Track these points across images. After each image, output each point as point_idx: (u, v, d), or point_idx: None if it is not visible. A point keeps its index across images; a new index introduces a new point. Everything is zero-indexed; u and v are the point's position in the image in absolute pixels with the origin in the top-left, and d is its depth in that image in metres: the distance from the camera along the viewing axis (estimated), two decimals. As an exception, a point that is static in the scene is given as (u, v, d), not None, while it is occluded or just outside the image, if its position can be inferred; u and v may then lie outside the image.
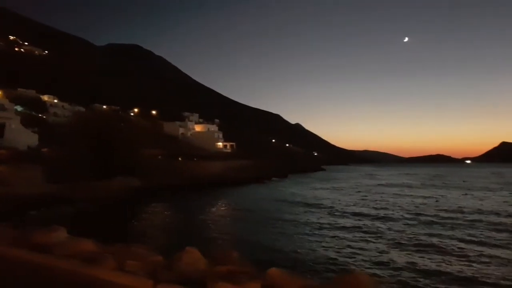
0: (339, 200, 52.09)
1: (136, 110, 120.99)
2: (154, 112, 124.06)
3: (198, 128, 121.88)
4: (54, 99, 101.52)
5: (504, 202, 50.05)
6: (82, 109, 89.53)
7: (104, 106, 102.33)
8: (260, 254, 20.64)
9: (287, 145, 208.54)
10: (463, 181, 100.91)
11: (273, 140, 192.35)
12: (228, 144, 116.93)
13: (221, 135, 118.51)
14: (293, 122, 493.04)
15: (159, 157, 67.94)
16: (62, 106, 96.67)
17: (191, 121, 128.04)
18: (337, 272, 16.90)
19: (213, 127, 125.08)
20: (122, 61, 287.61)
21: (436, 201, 51.33)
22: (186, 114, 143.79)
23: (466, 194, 62.34)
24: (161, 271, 5.59)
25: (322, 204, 47.61)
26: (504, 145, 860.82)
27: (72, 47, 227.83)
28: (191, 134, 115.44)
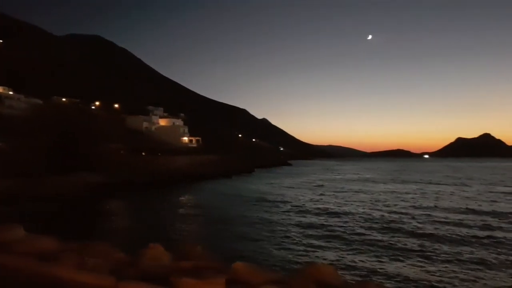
0: (303, 196, 53.04)
1: (97, 103, 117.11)
2: (116, 105, 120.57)
3: (163, 122, 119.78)
4: (9, 91, 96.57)
5: (459, 196, 52.79)
6: (40, 101, 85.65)
7: (64, 99, 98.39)
8: (225, 249, 20.74)
9: (253, 140, 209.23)
10: (419, 175, 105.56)
11: (240, 135, 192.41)
12: (193, 139, 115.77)
13: (186, 130, 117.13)
14: (259, 117, 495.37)
15: (122, 151, 66.23)
16: (18, 99, 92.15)
17: (155, 115, 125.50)
18: (301, 264, 17.21)
19: (179, 122, 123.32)
20: (83, 52, 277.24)
21: (395, 195, 53.55)
22: (151, 108, 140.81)
23: (422, 188, 65.22)
24: (123, 268, 5.53)
25: (286, 199, 48.29)
26: (459, 141, 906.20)
27: (29, 36, 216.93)
28: (155, 129, 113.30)
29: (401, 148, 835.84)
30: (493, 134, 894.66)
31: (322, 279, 10.00)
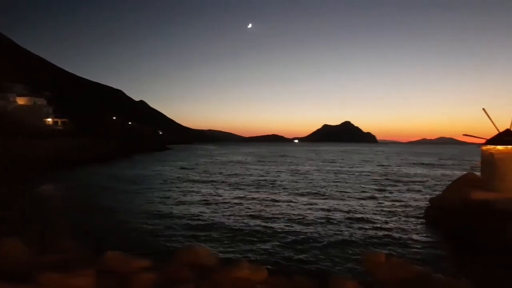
0: (179, 178, 53.65)
1: None
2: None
3: (21, 101, 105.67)
4: None
5: (313, 173, 59.07)
6: None
7: None
8: (96, 239, 19.79)
9: (130, 123, 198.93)
10: (284, 159, 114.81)
11: (114, 118, 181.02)
12: (59, 121, 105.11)
13: (51, 110, 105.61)
14: (137, 99, 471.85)
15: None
16: None
17: (12, 92, 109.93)
18: (175, 249, 17.35)
19: (41, 101, 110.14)
20: None
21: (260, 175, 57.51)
22: (7, 84, 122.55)
23: (288, 167, 71.46)
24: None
25: (161, 183, 47.89)
26: (325, 127, 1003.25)
27: None
28: (12, 108, 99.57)
29: (275, 133, 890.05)
30: (352, 122, 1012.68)
31: (197, 261, 10.35)
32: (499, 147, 23.33)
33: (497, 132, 24.60)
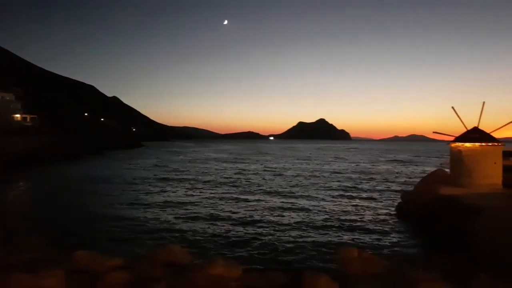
0: (150, 176, 53.01)
1: None
2: None
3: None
4: None
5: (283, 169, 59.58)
6: None
7: None
8: (66, 239, 19.31)
9: (102, 119, 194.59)
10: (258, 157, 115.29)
11: (86, 114, 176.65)
12: (28, 117, 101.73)
13: (19, 106, 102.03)
14: (109, 95, 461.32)
15: None
16: None
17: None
18: (149, 247, 17.15)
19: (10, 96, 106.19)
20: None
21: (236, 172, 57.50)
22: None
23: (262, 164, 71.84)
24: None
25: (133, 181, 47.18)
26: (301, 125, 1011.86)
27: None
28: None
29: (251, 130, 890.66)
30: (327, 119, 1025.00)
31: (171, 259, 10.26)
32: (467, 145, 24.20)
33: (465, 130, 25.52)
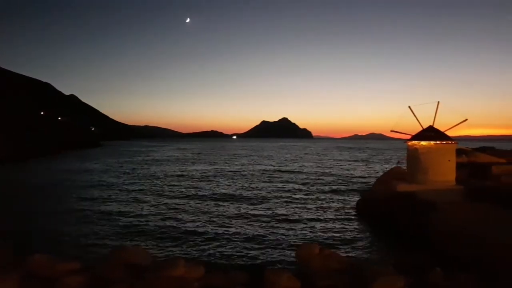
0: (108, 177, 51.79)
1: None
2: None
3: None
4: None
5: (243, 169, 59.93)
6: None
7: None
8: (20, 242, 18.36)
9: (59, 118, 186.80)
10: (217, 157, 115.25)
11: (42, 112, 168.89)
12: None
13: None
14: (67, 93, 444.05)
15: None
16: None
17: None
18: (108, 249, 16.76)
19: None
20: None
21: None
22: None
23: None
24: None
25: (89, 182, 45.77)
26: (264, 123, 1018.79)
27: None
28: None
29: (214, 129, 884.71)
30: (290, 118, 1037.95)
31: (131, 261, 10.00)
32: (423, 143, 25.24)
33: (421, 129, 26.61)
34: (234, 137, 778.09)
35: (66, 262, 8.74)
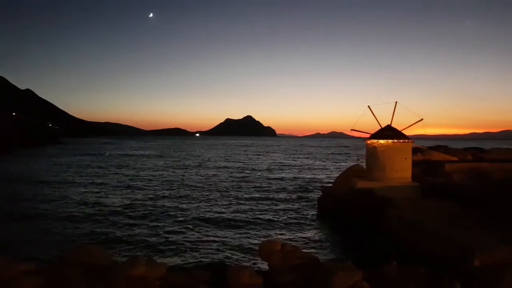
0: (64, 176, 50.96)
1: None
2: None
3: None
4: None
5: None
6: None
7: None
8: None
9: (14, 114, 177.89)
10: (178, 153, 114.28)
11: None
12: None
13: None
14: (23, 87, 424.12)
15: None
16: None
17: None
18: (64, 249, 16.32)
19: None
20: None
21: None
22: None
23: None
24: None
25: (45, 181, 44.14)
26: (228, 121, 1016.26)
27: None
28: None
29: (178, 126, 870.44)
30: (254, 116, 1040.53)
31: (90, 261, 9.79)
32: (381, 141, 26.15)
33: (379, 128, 27.56)
34: (197, 134, 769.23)
35: (21, 263, 8.46)
